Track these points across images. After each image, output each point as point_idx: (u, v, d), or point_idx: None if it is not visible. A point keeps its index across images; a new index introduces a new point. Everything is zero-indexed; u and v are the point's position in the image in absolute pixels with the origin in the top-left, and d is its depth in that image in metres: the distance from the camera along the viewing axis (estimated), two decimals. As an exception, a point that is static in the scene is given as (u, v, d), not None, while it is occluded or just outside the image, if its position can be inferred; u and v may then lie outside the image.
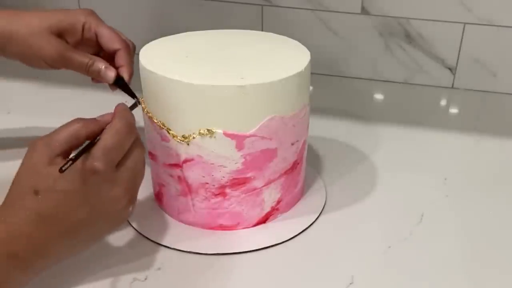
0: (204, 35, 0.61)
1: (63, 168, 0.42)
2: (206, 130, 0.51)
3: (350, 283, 0.51)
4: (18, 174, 0.45)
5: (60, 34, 0.58)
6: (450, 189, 0.65)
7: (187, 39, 0.59)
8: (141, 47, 0.56)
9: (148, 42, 0.58)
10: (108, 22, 0.55)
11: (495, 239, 0.57)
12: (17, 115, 0.81)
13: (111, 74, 0.57)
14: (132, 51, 0.60)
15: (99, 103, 0.83)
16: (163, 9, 0.96)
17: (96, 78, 0.59)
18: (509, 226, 0.59)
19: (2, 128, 0.76)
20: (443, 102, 0.88)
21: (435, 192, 0.64)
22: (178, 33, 0.60)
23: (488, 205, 0.62)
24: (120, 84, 0.58)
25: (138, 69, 0.54)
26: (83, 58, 0.57)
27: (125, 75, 0.58)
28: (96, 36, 0.59)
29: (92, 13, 0.60)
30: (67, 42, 0.59)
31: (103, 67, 0.57)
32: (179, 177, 0.54)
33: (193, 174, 0.53)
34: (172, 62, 0.53)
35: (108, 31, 0.59)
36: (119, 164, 0.46)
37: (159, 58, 0.54)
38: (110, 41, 0.59)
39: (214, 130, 0.51)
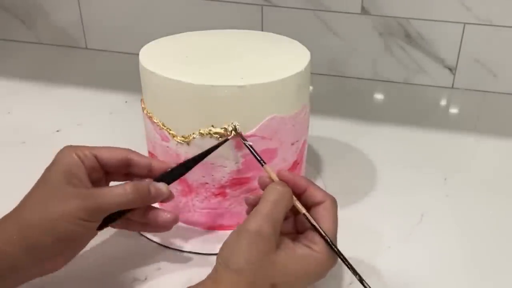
0: (204, 35, 0.61)
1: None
2: (206, 130, 0.51)
3: (350, 283, 0.51)
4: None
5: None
6: (450, 189, 0.65)
7: (187, 39, 0.59)
8: (141, 47, 0.56)
9: (148, 42, 0.58)
10: (108, 22, 0.55)
11: (495, 239, 0.57)
12: (17, 115, 0.81)
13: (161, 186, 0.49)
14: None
15: (100, 103, 0.84)
16: (163, 9, 0.96)
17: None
18: (509, 226, 0.59)
19: (2, 128, 0.76)
20: (443, 102, 0.88)
21: (435, 192, 0.64)
22: (178, 33, 0.60)
23: (488, 205, 0.62)
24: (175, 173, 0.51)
25: (138, 69, 0.54)
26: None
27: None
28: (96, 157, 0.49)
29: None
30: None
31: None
32: (179, 177, 0.54)
33: (193, 174, 0.53)
34: (172, 62, 0.53)
35: (105, 147, 0.50)
36: None
37: (159, 58, 0.54)
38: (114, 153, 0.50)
39: (214, 130, 0.51)
